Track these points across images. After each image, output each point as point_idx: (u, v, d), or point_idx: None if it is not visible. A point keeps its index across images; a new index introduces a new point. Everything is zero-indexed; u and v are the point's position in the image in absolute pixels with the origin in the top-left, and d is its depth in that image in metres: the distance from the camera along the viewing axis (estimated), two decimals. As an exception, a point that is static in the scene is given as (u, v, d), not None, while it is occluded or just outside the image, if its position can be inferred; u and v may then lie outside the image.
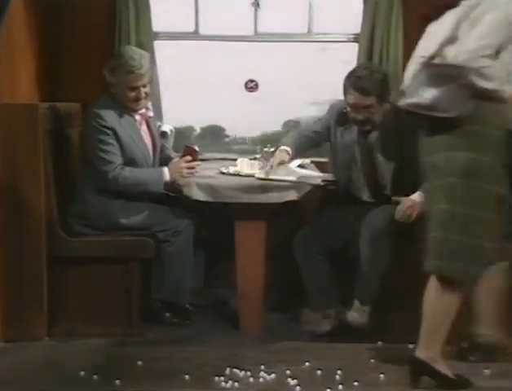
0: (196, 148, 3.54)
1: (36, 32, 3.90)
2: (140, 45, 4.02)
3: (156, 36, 4.23)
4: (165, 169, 3.48)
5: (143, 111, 3.58)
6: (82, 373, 2.93)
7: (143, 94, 3.49)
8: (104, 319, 3.42)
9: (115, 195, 3.46)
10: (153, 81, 4.10)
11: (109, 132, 3.42)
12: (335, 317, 3.49)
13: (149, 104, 3.62)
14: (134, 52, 3.50)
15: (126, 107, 3.50)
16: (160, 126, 3.78)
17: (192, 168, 3.47)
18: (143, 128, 3.60)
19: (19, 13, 3.68)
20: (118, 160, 3.44)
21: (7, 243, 3.27)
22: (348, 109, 3.44)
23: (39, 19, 3.93)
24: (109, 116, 3.44)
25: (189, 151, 3.49)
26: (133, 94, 3.46)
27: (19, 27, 3.70)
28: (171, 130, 3.74)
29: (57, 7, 4.08)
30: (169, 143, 3.79)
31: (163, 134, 3.71)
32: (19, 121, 3.25)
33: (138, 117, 3.57)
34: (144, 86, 3.49)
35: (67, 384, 2.87)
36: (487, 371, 2.99)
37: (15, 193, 3.26)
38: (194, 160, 3.49)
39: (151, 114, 3.65)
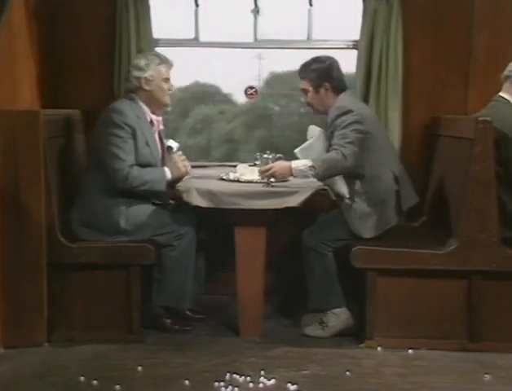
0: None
1: (37, 39, 3.91)
2: (140, 52, 4.04)
3: (157, 42, 4.25)
4: (167, 169, 3.56)
5: (160, 119, 3.67)
6: (82, 379, 2.94)
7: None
8: (104, 325, 3.43)
9: (121, 197, 3.47)
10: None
11: (129, 130, 3.47)
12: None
13: (160, 118, 3.70)
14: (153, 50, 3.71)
15: (160, 104, 3.60)
16: (166, 141, 3.82)
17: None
18: (156, 136, 3.66)
19: (21, 20, 3.70)
20: (131, 159, 3.47)
21: (8, 248, 3.27)
22: None
23: (40, 26, 3.94)
24: (131, 115, 3.50)
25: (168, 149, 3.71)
26: (167, 85, 3.59)
27: (21, 34, 3.71)
28: (177, 147, 3.78)
29: (58, 14, 4.09)
30: None
31: (168, 149, 3.74)
32: (20, 128, 3.26)
33: (155, 123, 3.63)
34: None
35: (67, 389, 2.87)
36: (487, 377, 3.01)
37: (15, 199, 3.27)
38: None
39: (162, 127, 3.72)
